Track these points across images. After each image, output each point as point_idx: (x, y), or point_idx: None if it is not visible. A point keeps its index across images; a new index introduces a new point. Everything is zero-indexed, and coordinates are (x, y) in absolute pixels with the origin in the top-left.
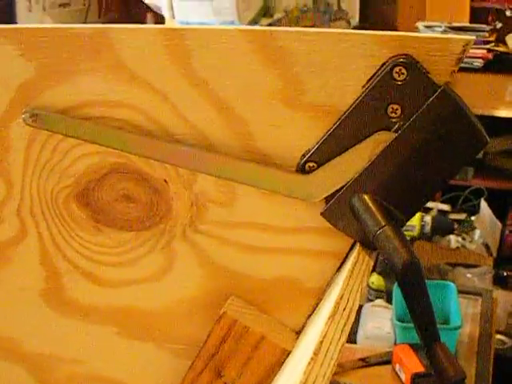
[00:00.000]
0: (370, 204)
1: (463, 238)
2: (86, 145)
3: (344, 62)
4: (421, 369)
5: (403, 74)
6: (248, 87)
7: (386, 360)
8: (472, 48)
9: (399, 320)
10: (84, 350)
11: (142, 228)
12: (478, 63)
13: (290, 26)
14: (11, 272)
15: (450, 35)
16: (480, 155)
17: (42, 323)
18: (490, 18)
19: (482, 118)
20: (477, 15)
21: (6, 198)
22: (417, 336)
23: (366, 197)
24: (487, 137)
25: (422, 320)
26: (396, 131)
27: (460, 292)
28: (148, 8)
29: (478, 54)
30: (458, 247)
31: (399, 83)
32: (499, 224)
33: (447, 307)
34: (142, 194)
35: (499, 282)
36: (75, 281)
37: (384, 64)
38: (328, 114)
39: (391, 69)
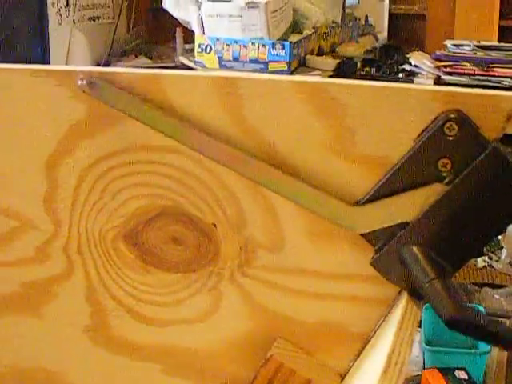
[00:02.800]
0: (420, 256)
1: (490, 258)
2: (135, 187)
3: (396, 115)
4: None
5: (454, 129)
6: (299, 137)
7: None
8: (500, 67)
9: (428, 344)
10: None
11: (190, 270)
12: (507, 82)
13: (319, 42)
14: (57, 307)
15: (501, 92)
16: None
17: (87, 358)
18: None
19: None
20: (505, 34)
21: (53, 235)
22: (445, 360)
23: (415, 248)
24: None
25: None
26: (446, 185)
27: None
28: (178, 22)
29: (507, 73)
30: (484, 266)
31: (450, 138)
32: None
33: None
34: (191, 237)
35: None
36: (121, 318)
37: (435, 118)
38: (379, 166)
39: (443, 124)
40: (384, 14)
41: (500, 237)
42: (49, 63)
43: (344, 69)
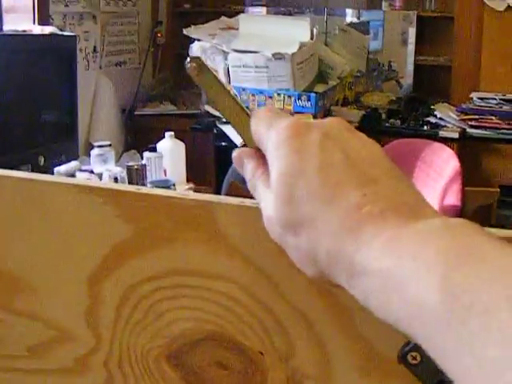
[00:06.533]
0: None
1: None
2: (180, 310)
3: None
4: None
5: None
6: None
7: None
8: None
9: None
10: None
11: None
12: None
13: (344, 92)
14: None
15: None
16: None
17: None
18: None
19: None
20: None
21: (94, 348)
22: None
23: None
24: None
25: None
26: None
27: None
28: None
29: None
30: None
31: None
32: None
33: None
34: (237, 363)
35: None
36: None
37: None
38: None
39: None
40: (407, 59)
41: None
42: (76, 107)
43: (369, 120)
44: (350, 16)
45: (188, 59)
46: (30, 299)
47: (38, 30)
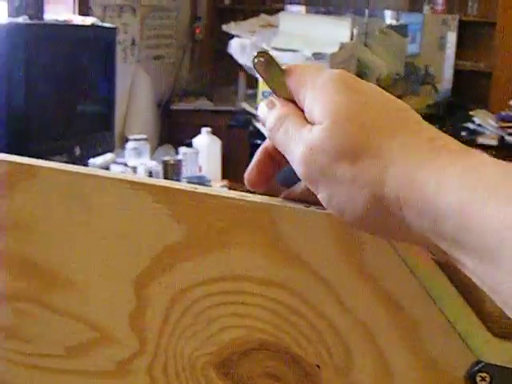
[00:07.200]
0: None
1: None
2: (233, 317)
3: None
4: None
5: None
6: (420, 290)
7: None
8: None
9: None
10: None
11: None
12: None
13: None
14: None
15: None
16: None
17: None
18: None
19: None
20: None
21: (138, 352)
22: None
23: None
24: None
25: None
26: None
27: None
28: (240, 66)
29: None
30: None
31: None
32: None
33: None
34: (290, 375)
35: None
36: None
37: None
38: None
39: None
40: (445, 63)
41: None
42: (114, 100)
43: None
44: (389, 18)
45: (255, 53)
46: (70, 297)
47: (79, 20)
